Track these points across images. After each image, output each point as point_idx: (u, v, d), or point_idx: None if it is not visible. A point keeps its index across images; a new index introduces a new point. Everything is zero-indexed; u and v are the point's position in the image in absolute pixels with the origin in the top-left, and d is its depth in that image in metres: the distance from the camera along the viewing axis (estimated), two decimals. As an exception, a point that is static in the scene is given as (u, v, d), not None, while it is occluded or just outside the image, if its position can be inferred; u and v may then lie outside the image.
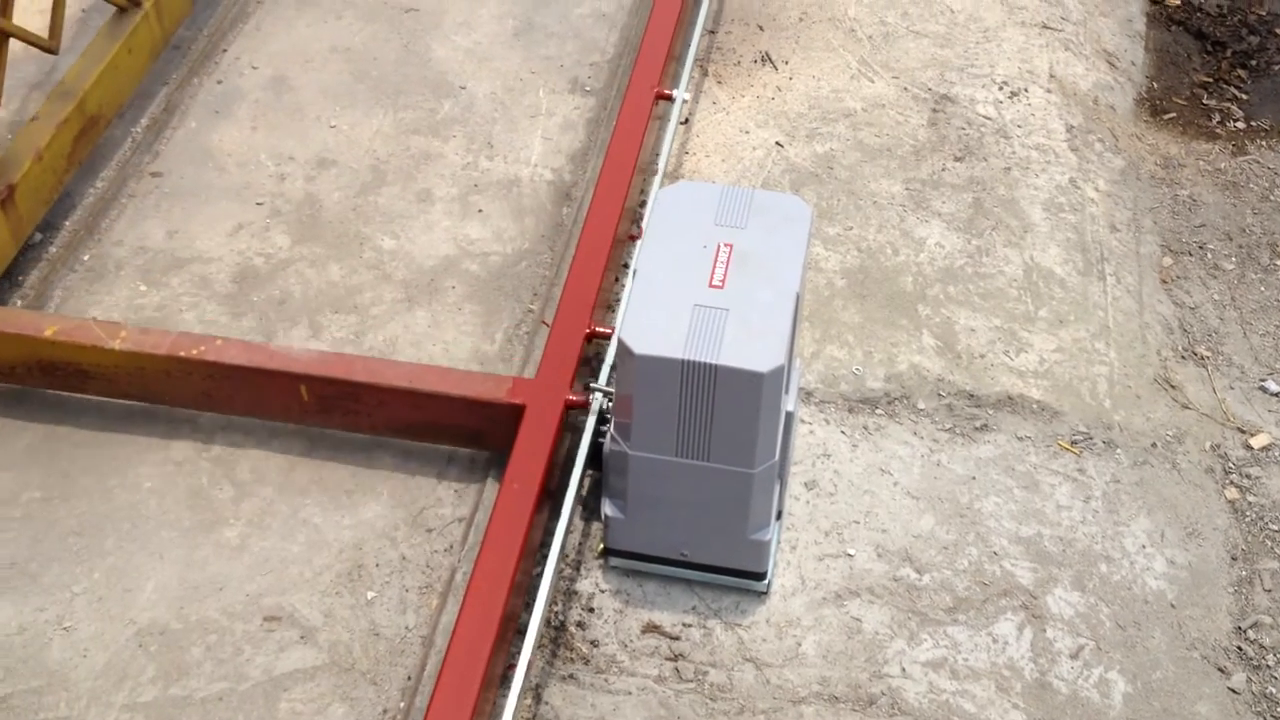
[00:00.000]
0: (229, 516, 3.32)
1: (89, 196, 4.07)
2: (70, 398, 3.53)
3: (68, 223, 3.98)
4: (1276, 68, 5.04)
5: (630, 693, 3.05)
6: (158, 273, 3.88)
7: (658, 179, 3.84)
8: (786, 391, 3.03)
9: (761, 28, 4.81)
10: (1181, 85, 4.95)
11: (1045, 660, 3.16)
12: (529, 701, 3.02)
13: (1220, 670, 3.19)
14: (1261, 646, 3.25)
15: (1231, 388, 3.83)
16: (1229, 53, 5.08)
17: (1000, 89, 4.64)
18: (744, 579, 3.20)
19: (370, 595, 3.19)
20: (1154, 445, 3.63)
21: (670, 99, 4.14)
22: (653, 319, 2.90)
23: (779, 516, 3.25)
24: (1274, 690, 3.17)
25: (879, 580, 3.28)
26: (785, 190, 4.20)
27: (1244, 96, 4.91)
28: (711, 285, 2.96)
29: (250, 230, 4.01)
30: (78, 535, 3.27)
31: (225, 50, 4.60)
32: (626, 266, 3.81)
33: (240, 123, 4.34)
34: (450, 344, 3.73)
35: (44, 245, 3.91)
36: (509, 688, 2.82)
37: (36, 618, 3.11)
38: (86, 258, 3.91)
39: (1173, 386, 3.80)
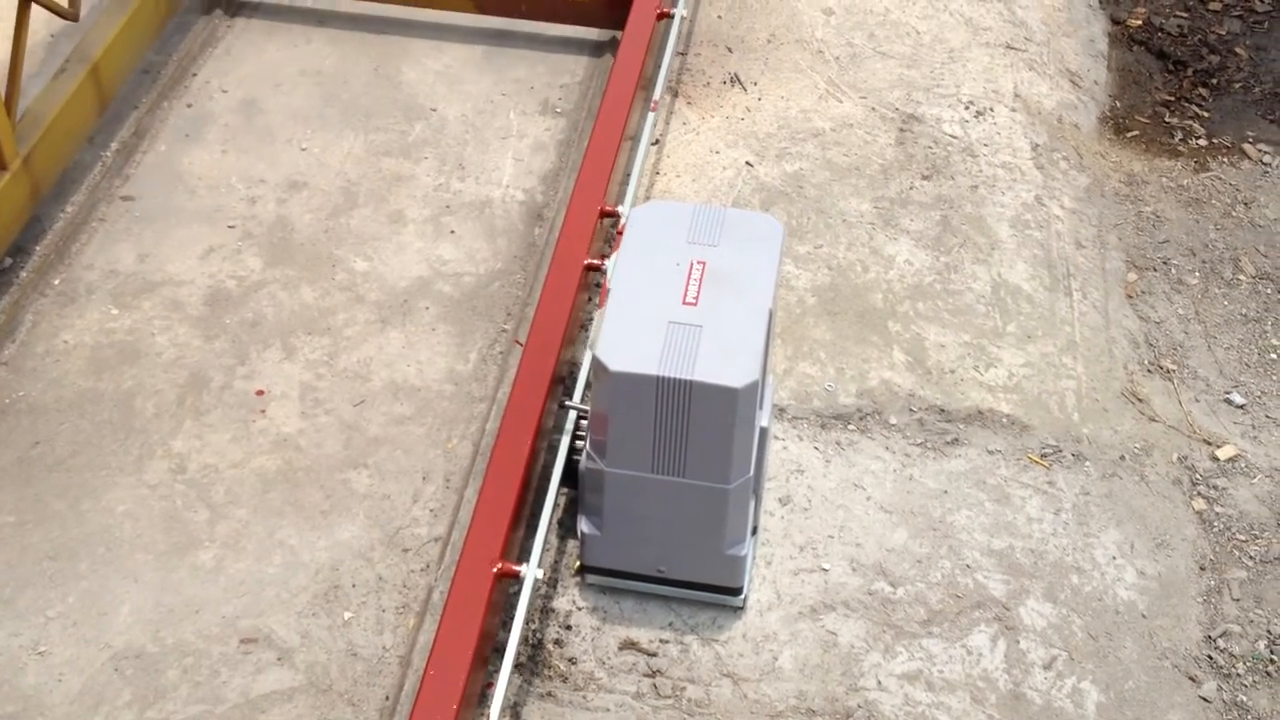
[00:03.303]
0: (204, 539, 3.31)
1: (59, 221, 4.06)
2: (43, 421, 3.52)
3: (38, 247, 3.97)
4: (1237, 86, 5.12)
5: (609, 709, 3.06)
6: (129, 296, 3.87)
7: (629, 199, 3.87)
8: (760, 407, 3.05)
9: (730, 49, 4.85)
10: (1144, 104, 5.03)
11: (1019, 671, 3.19)
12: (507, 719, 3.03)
13: (1191, 679, 3.23)
14: (1231, 655, 3.29)
15: (1197, 400, 3.88)
16: (1190, 71, 5.16)
17: (966, 108, 4.69)
18: (720, 594, 3.22)
19: (347, 616, 3.18)
20: (1122, 458, 3.67)
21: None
22: (628, 336, 2.92)
23: (754, 532, 3.26)
24: (1244, 698, 3.21)
25: (854, 594, 3.30)
26: (756, 209, 4.23)
27: (1205, 114, 4.99)
28: (685, 302, 2.99)
29: (222, 253, 4.01)
30: (52, 559, 3.25)
31: (195, 74, 4.60)
32: (599, 286, 3.83)
33: (210, 146, 4.35)
34: (424, 364, 3.74)
35: (14, 270, 3.90)
36: (488, 706, 2.82)
37: (10, 643, 3.09)
38: (57, 282, 3.90)
39: (1139, 400, 3.85)
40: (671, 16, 4.53)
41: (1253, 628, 3.35)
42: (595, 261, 3.61)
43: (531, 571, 2.98)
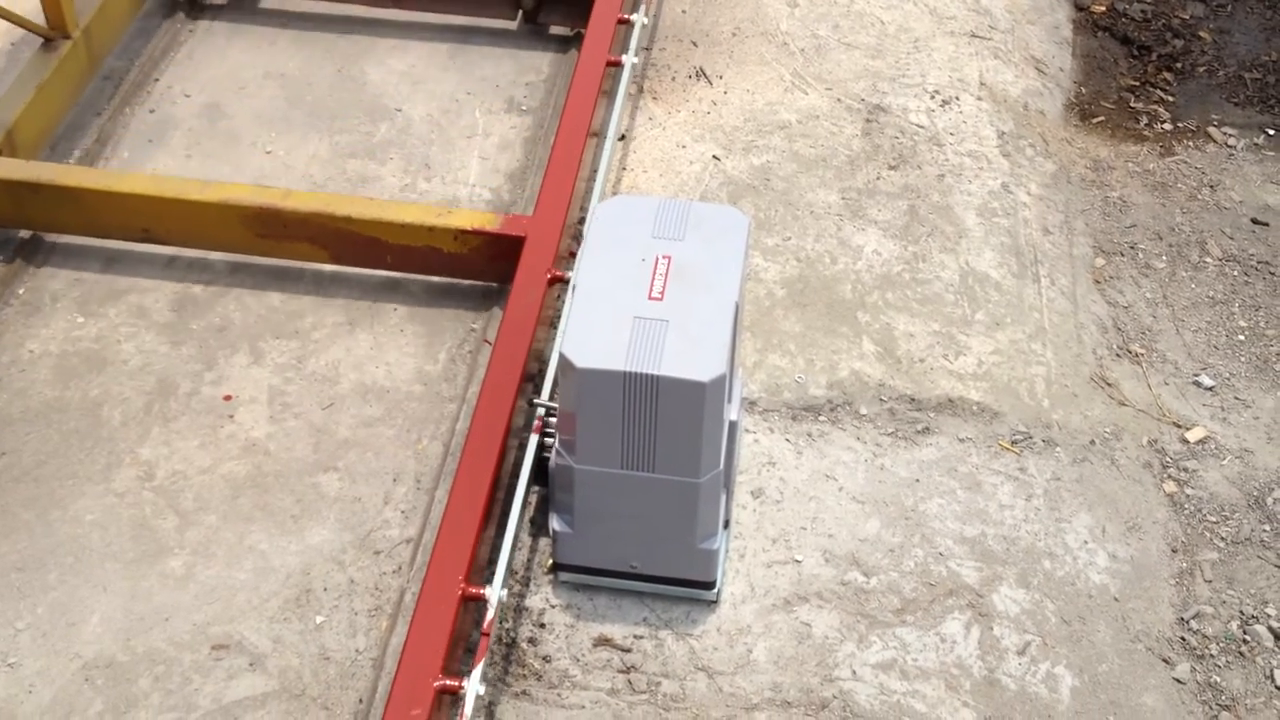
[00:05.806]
0: (173, 546, 3.29)
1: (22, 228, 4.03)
2: (9, 432, 3.49)
3: (1, 256, 3.94)
4: (1201, 70, 5.14)
5: (584, 706, 3.05)
6: (95, 304, 3.85)
7: (596, 195, 3.86)
8: (729, 401, 3.05)
9: (695, 44, 4.84)
10: (1109, 89, 5.04)
11: (993, 658, 3.19)
12: (482, 719, 3.01)
13: (1165, 661, 3.24)
14: (1204, 636, 3.30)
15: (1166, 383, 3.89)
16: (1154, 56, 5.18)
17: (932, 98, 4.70)
18: (694, 589, 3.21)
19: (319, 619, 3.17)
20: (1092, 442, 3.68)
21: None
22: (594, 332, 2.91)
23: (726, 525, 3.26)
24: (1218, 679, 3.22)
25: (827, 585, 3.30)
26: (723, 203, 4.23)
27: (1170, 99, 5.00)
28: (651, 297, 2.98)
29: (188, 258, 3.99)
30: (19, 570, 3.23)
31: (157, 79, 4.57)
32: (566, 282, 3.82)
33: (174, 151, 4.32)
34: (393, 365, 3.72)
35: (-22, 279, 3.87)
36: (461, 707, 2.81)
37: (-21, 655, 3.07)
38: (22, 291, 3.87)
39: (1109, 384, 3.86)
40: (566, 282, 3.56)
41: (1225, 608, 3.36)
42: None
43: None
